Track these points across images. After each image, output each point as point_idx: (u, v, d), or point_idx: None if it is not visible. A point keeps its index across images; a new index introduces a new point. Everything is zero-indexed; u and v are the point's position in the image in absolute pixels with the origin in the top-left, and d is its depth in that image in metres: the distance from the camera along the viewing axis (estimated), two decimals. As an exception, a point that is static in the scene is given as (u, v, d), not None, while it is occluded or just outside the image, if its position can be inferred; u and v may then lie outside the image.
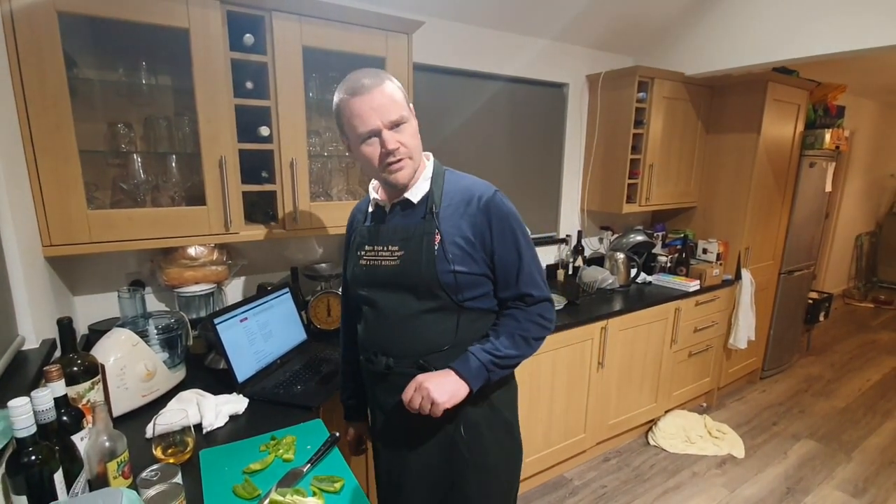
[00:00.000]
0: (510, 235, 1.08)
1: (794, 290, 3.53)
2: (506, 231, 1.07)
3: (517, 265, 1.09)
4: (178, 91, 1.64)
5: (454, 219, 1.07)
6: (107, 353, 1.24)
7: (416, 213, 1.09)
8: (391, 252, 1.09)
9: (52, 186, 1.33)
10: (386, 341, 1.13)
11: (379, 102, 0.98)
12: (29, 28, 1.24)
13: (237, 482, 1.01)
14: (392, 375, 1.13)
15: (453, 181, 1.12)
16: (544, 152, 2.87)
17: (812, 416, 3.08)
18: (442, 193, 1.09)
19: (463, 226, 1.06)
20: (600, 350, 2.40)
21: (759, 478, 2.47)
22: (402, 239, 1.08)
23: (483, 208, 1.06)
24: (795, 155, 3.18)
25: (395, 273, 1.08)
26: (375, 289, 1.12)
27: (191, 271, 1.71)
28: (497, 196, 1.08)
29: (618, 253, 2.83)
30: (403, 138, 1.02)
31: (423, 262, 1.04)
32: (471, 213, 1.06)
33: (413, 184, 1.09)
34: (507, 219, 1.08)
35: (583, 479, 2.46)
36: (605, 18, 2.59)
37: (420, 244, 1.05)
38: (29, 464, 0.78)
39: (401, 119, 1.01)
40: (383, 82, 1.00)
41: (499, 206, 1.07)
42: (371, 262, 1.12)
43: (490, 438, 1.14)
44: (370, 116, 0.99)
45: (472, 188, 1.09)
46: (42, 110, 1.29)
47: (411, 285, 1.07)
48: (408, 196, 1.09)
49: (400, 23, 1.77)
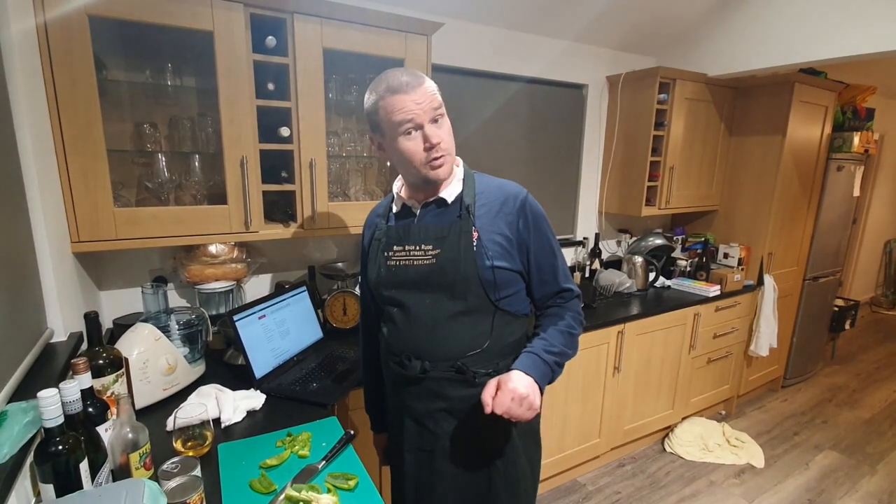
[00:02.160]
0: (545, 234, 1.12)
1: (819, 296, 3.44)
2: (541, 230, 1.11)
3: (553, 262, 1.13)
4: (202, 92, 1.68)
5: (490, 217, 1.08)
6: (131, 347, 1.27)
7: (451, 212, 1.09)
8: (425, 251, 1.08)
9: (81, 185, 1.38)
10: (419, 344, 1.10)
11: (422, 97, 0.99)
12: (61, 31, 1.28)
13: (254, 476, 1.03)
14: (427, 380, 1.11)
15: (484, 182, 1.14)
16: (562, 154, 2.85)
17: (836, 427, 3.00)
18: (475, 193, 1.10)
19: (500, 224, 1.08)
20: (616, 354, 2.37)
21: (779, 489, 2.42)
22: (438, 238, 1.07)
23: (520, 208, 1.09)
24: (822, 158, 3.11)
25: (429, 272, 1.07)
26: (406, 290, 1.11)
27: (211, 268, 1.74)
28: (530, 197, 1.12)
29: (636, 256, 2.80)
30: (444, 135, 1.04)
31: (461, 259, 1.04)
32: (507, 212, 1.09)
33: (448, 183, 1.10)
34: (541, 219, 1.12)
35: (596, 485, 2.43)
36: (627, 19, 2.56)
37: (458, 241, 1.05)
38: (56, 453, 0.80)
39: (441, 115, 1.03)
40: (424, 81, 1.02)
41: (533, 206, 1.11)
42: (401, 263, 1.10)
43: (520, 446, 1.15)
44: (414, 111, 0.99)
45: (505, 188, 1.12)
46: (73, 111, 1.33)
47: (448, 284, 1.06)
48: (442, 195, 1.09)
49: (419, 24, 1.78)
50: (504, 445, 1.14)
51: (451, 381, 1.09)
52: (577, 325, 1.14)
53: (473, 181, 1.13)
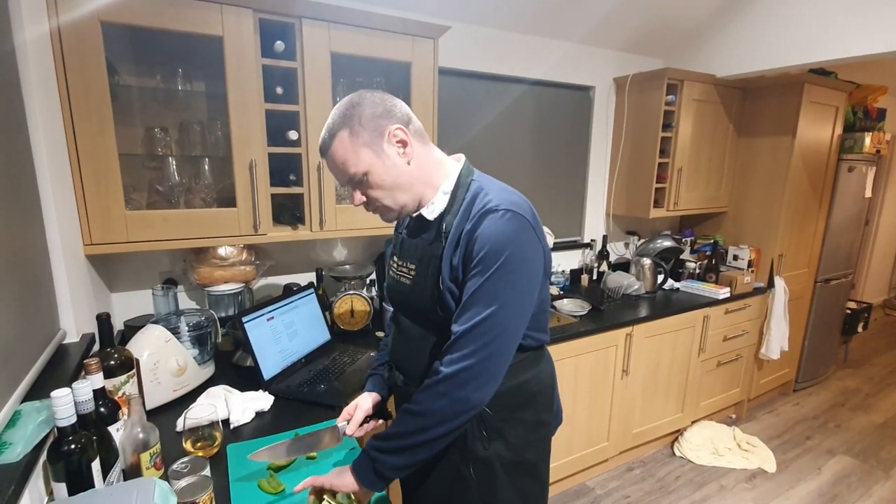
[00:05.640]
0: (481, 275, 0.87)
1: (831, 299, 3.39)
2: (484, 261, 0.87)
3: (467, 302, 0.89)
4: (212, 97, 1.70)
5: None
6: (141, 348, 1.29)
7: (430, 233, 0.99)
8: (409, 270, 1.03)
9: (93, 188, 1.40)
10: (399, 358, 1.11)
11: (333, 166, 0.94)
12: (75, 38, 1.30)
13: (262, 477, 1.03)
14: (402, 393, 1.11)
15: (475, 193, 0.95)
16: (569, 156, 2.85)
17: (848, 431, 2.95)
18: (460, 209, 0.95)
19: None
20: (625, 357, 2.36)
21: (791, 494, 2.39)
22: (418, 259, 1.01)
23: (467, 232, 0.90)
24: (833, 159, 3.07)
25: (409, 292, 1.03)
26: (397, 303, 1.10)
27: (221, 271, 1.76)
28: (485, 223, 0.88)
29: (644, 258, 2.78)
30: (369, 190, 0.94)
31: (428, 286, 0.97)
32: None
33: (426, 202, 0.98)
34: (484, 258, 0.87)
35: (605, 489, 2.42)
36: (633, 20, 2.56)
37: (427, 268, 0.97)
38: (69, 452, 0.81)
39: (354, 177, 0.92)
40: (330, 146, 0.91)
41: (481, 237, 0.87)
42: (395, 277, 1.08)
43: (504, 480, 1.02)
44: (334, 174, 0.96)
45: (478, 204, 0.92)
46: (85, 116, 1.35)
47: (418, 308, 1.02)
48: (423, 212, 0.98)
49: (426, 28, 1.79)
50: (480, 478, 1.01)
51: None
52: (420, 391, 0.90)
53: (465, 192, 0.96)
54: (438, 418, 0.87)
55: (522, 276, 0.89)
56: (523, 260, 0.88)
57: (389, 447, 0.90)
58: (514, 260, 0.87)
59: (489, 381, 0.88)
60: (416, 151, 0.95)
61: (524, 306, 0.91)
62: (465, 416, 0.88)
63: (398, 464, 0.90)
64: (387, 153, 0.92)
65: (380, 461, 0.89)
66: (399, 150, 0.93)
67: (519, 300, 0.89)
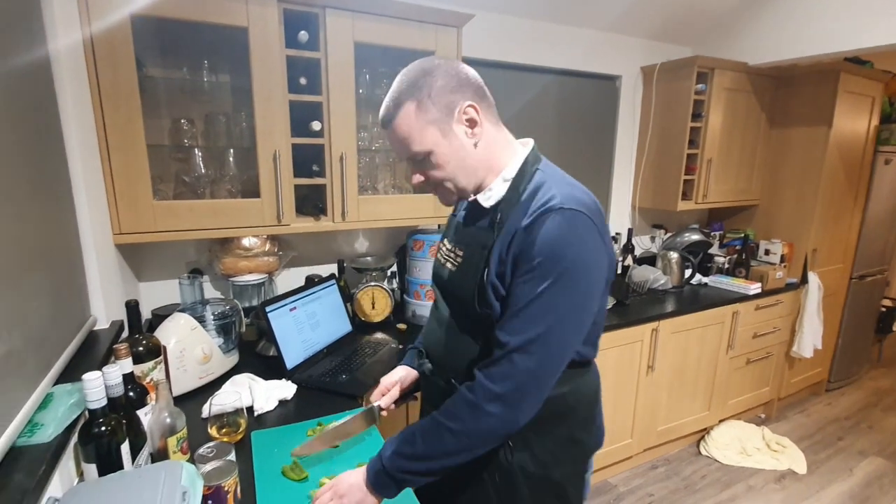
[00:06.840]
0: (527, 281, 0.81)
1: (866, 296, 3.27)
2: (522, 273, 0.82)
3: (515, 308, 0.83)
4: (237, 88, 1.72)
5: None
6: (168, 336, 1.31)
7: (484, 220, 0.92)
8: (456, 256, 0.96)
9: (123, 178, 1.42)
10: (432, 345, 1.06)
11: (393, 139, 0.88)
12: (105, 31, 1.32)
13: (286, 463, 1.04)
14: (429, 383, 1.06)
15: (538, 184, 0.87)
16: (594, 147, 2.79)
17: (881, 433, 2.84)
18: (520, 201, 0.87)
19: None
20: (650, 353, 2.31)
21: (821, 495, 2.31)
22: (466, 245, 0.94)
23: (521, 230, 0.82)
24: (869, 151, 2.95)
25: (451, 277, 0.96)
26: (439, 288, 1.03)
27: (245, 261, 1.78)
28: (543, 221, 0.80)
29: (671, 252, 2.71)
30: (429, 170, 0.88)
31: (470, 275, 0.90)
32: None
33: (485, 187, 0.91)
34: (526, 259, 0.81)
35: (628, 486, 2.38)
36: (662, 7, 2.49)
37: (474, 258, 0.90)
38: (99, 434, 0.83)
39: (416, 155, 0.86)
40: (394, 118, 0.85)
41: (530, 238, 0.80)
42: (441, 261, 1.02)
43: (526, 496, 0.95)
44: (393, 145, 0.90)
45: (542, 197, 0.83)
46: (115, 107, 1.37)
47: (458, 296, 0.95)
48: (479, 198, 0.91)
49: (450, 16, 1.77)
50: (502, 486, 0.96)
51: (442, 393, 0.96)
52: (460, 406, 0.84)
53: (528, 182, 0.88)
54: (483, 439, 0.83)
55: (582, 287, 0.81)
56: (586, 267, 0.81)
57: (420, 469, 0.85)
58: (576, 269, 0.79)
59: (539, 401, 0.83)
60: (486, 131, 0.88)
61: (582, 321, 0.84)
62: (509, 436, 0.85)
63: (426, 479, 0.87)
64: (455, 133, 0.85)
65: (408, 480, 0.86)
66: (468, 131, 0.86)
67: (577, 314, 0.82)
